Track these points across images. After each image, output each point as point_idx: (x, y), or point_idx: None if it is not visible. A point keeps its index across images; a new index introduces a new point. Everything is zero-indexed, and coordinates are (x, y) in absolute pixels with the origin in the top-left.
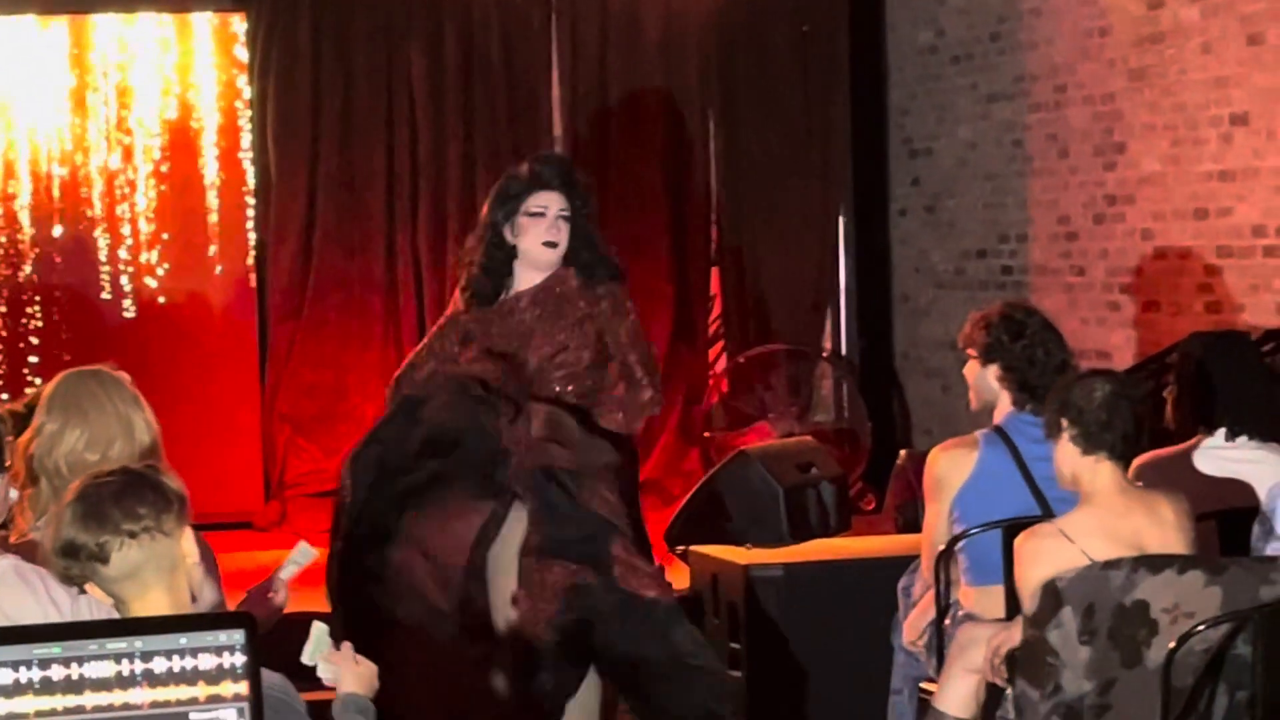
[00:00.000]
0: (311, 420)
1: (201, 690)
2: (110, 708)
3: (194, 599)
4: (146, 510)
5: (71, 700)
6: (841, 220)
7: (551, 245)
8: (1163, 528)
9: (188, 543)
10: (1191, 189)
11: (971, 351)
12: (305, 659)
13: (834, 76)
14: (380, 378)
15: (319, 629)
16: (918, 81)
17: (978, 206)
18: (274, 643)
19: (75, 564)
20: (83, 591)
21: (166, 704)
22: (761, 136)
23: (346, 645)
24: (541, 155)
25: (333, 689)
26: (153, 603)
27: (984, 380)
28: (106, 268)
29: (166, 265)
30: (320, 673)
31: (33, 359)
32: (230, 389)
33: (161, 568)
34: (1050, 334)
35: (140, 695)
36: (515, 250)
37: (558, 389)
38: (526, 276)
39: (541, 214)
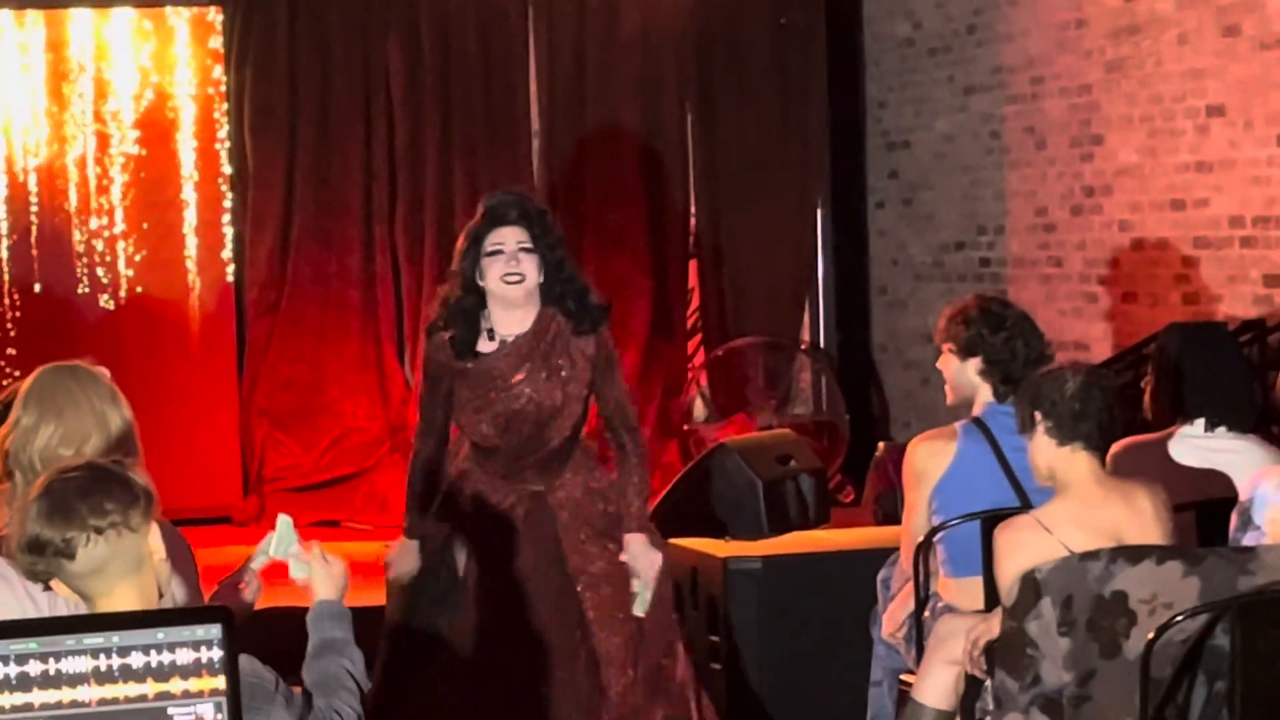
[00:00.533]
0: (290, 414)
1: (179, 685)
2: (88, 703)
3: (161, 595)
4: (114, 506)
5: (49, 696)
6: (819, 213)
7: (514, 279)
8: (1140, 518)
9: (154, 539)
10: (1168, 180)
11: (949, 346)
12: (272, 553)
13: (811, 69)
14: (358, 372)
15: (284, 522)
16: (895, 74)
17: (955, 198)
18: (257, 639)
19: (41, 560)
20: (48, 588)
21: (144, 699)
22: (739, 130)
23: (314, 542)
24: (496, 194)
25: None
26: (120, 599)
27: (964, 375)
28: (83, 261)
29: (143, 259)
30: (292, 573)
31: (10, 351)
32: (208, 383)
33: (128, 564)
34: (1028, 325)
35: (118, 690)
36: (484, 292)
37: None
38: (501, 316)
39: (500, 250)
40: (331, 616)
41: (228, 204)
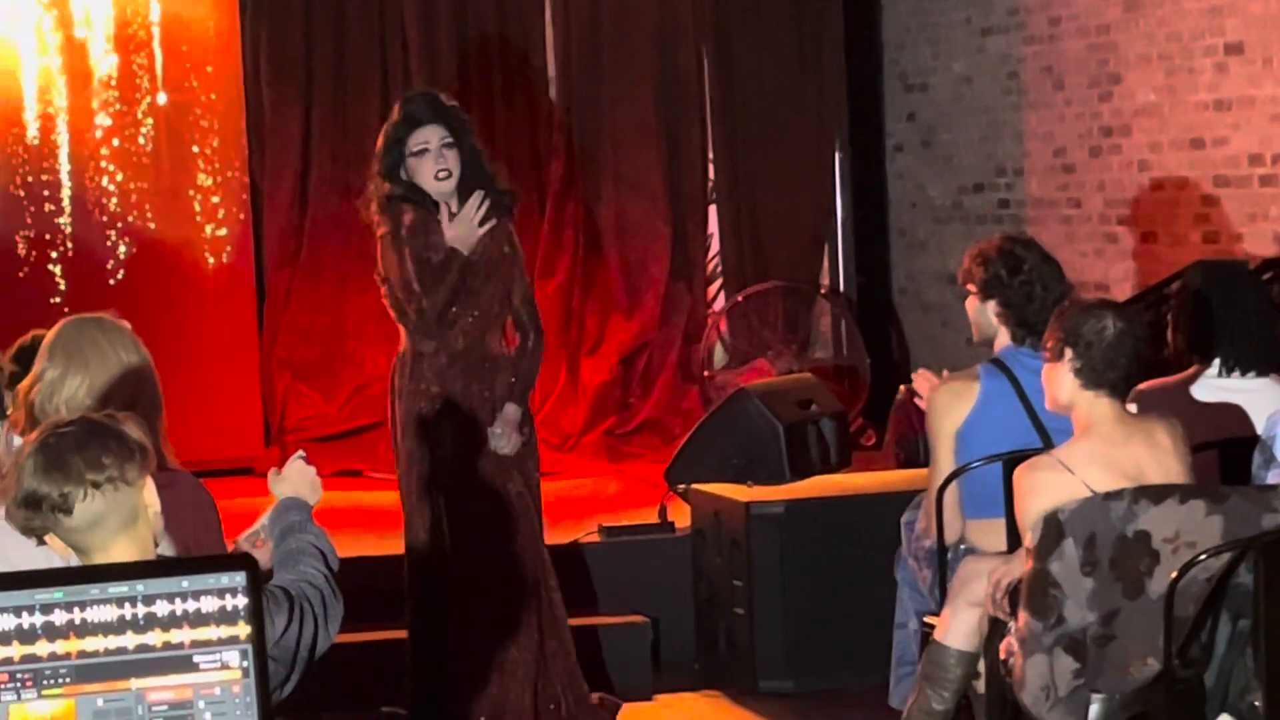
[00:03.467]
0: (311, 365)
1: (204, 633)
2: (113, 651)
3: (156, 546)
4: (110, 460)
5: (74, 645)
6: (838, 156)
7: (444, 174)
8: (1161, 455)
9: (149, 493)
10: (1187, 119)
11: (971, 287)
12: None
13: (828, 11)
14: (378, 321)
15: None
16: (912, 15)
17: (974, 140)
18: None
19: (37, 515)
20: (42, 543)
21: (169, 647)
22: (756, 73)
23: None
24: (409, 95)
25: None
26: (117, 553)
27: (983, 315)
28: (103, 213)
29: (162, 210)
30: (270, 486)
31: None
32: (229, 335)
33: (125, 517)
34: (1049, 268)
35: (143, 638)
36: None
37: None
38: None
39: (425, 149)
40: (288, 508)
41: (246, 155)
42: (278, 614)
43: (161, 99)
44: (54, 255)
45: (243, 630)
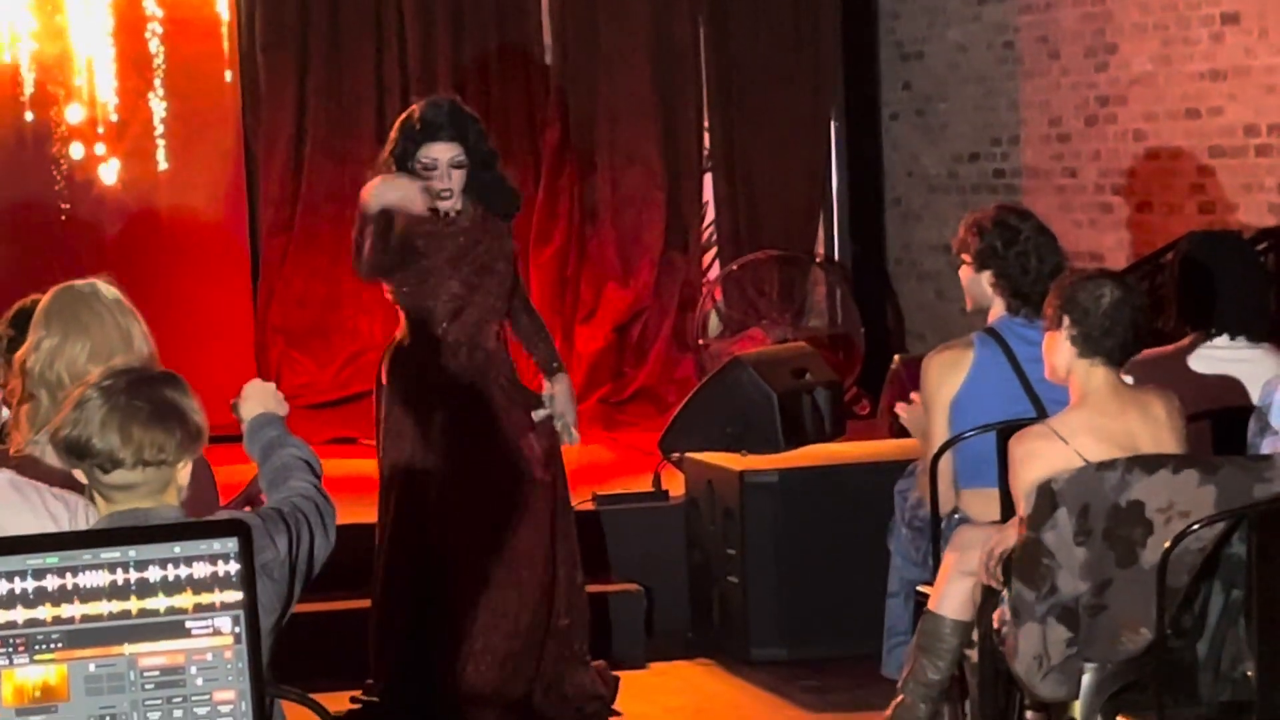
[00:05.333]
0: (305, 332)
1: (196, 599)
2: (105, 616)
3: None
4: (171, 446)
5: (66, 610)
6: (833, 125)
7: (446, 195)
8: (1155, 426)
9: (184, 474)
10: (1183, 89)
11: (965, 257)
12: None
13: None
14: (372, 289)
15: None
16: None
17: (969, 109)
18: None
19: (78, 461)
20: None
21: (161, 613)
22: (751, 42)
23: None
24: (431, 101)
25: None
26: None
27: (978, 285)
28: (98, 181)
29: (159, 177)
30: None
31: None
32: (224, 302)
33: (154, 489)
34: (1044, 239)
35: (135, 604)
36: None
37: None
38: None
39: (433, 166)
40: (261, 425)
41: (240, 122)
42: (278, 536)
43: (157, 65)
44: (49, 223)
45: (235, 596)
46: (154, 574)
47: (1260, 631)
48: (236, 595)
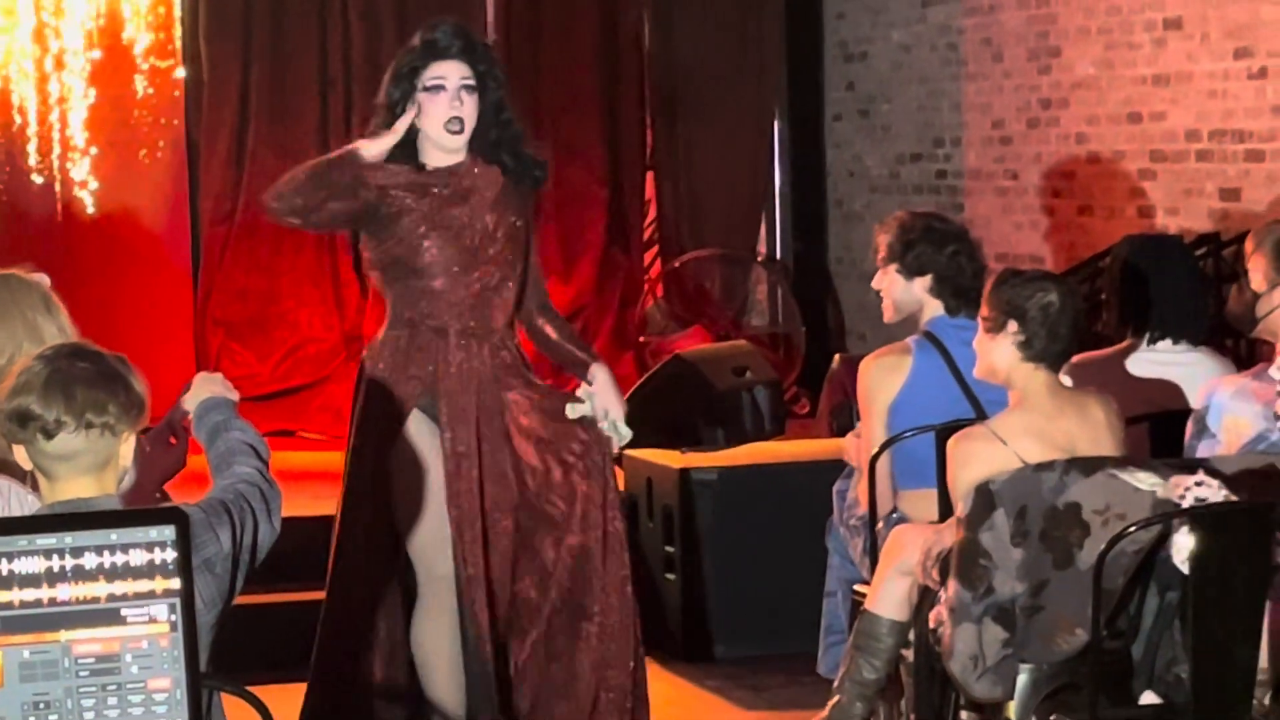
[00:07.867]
0: (245, 324)
1: (132, 586)
2: (40, 603)
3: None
4: (115, 408)
5: (2, 596)
6: (776, 124)
7: (456, 126)
8: (1093, 429)
9: (127, 448)
10: (1125, 93)
11: (895, 267)
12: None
13: None
14: (313, 282)
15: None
16: None
17: (912, 110)
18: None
19: (20, 431)
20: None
21: (97, 600)
22: (696, 40)
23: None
24: (434, 23)
25: None
26: (77, 490)
27: (909, 293)
28: (37, 174)
29: (97, 168)
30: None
31: None
32: (163, 294)
33: (96, 461)
34: (968, 239)
35: (70, 591)
36: (416, 133)
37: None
38: (436, 158)
39: (441, 86)
40: (209, 409)
41: (182, 112)
42: (221, 530)
43: (97, 55)
44: None
45: (171, 584)
46: (90, 560)
47: (1195, 634)
48: (173, 583)
